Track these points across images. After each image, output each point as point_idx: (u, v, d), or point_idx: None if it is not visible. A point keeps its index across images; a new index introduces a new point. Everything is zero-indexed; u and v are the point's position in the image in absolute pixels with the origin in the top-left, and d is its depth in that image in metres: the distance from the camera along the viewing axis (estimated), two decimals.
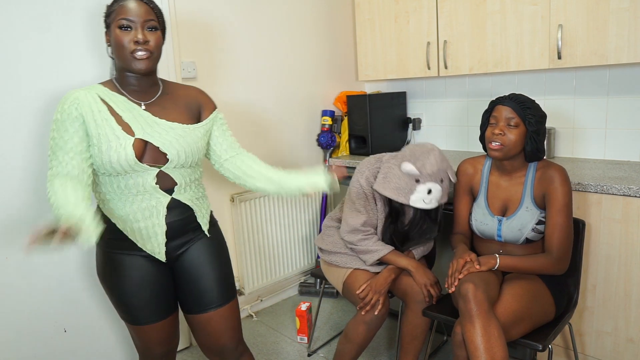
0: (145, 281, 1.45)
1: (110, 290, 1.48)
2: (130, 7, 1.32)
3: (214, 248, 1.55)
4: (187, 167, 1.43)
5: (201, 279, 1.51)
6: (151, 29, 1.35)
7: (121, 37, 1.32)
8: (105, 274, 1.47)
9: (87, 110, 1.33)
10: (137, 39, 1.31)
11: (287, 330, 2.62)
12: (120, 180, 1.36)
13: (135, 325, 1.49)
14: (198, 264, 1.51)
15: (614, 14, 1.95)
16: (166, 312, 1.52)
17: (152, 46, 1.34)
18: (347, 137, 3.02)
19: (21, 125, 1.87)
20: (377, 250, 1.90)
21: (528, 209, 1.69)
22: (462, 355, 1.57)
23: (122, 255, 1.44)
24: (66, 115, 1.32)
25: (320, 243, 2.13)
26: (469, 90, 2.81)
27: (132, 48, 1.32)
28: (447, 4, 2.47)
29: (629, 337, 1.89)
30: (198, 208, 1.50)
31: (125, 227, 1.41)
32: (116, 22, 1.33)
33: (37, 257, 1.94)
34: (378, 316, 1.85)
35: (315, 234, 3.07)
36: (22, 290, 1.92)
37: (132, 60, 1.33)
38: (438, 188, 1.77)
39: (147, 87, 1.43)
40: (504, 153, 1.67)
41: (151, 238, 1.42)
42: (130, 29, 1.32)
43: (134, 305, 1.46)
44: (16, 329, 1.91)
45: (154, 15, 1.36)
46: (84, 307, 2.09)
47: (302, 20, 2.89)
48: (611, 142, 2.32)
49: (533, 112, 1.65)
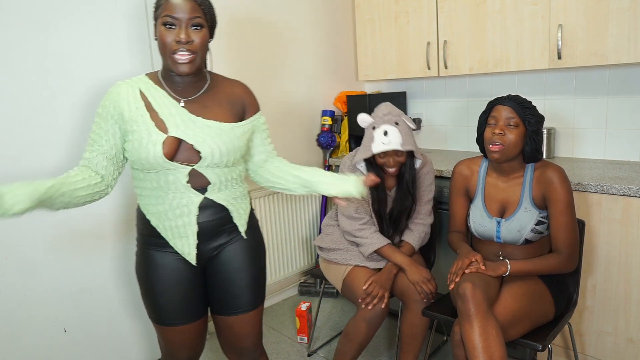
0: (175, 280, 1.41)
1: (140, 286, 1.45)
2: (175, 3, 1.26)
3: (250, 251, 1.48)
4: (222, 166, 1.36)
5: (233, 283, 1.46)
6: (196, 26, 1.28)
7: (165, 35, 1.27)
8: (138, 270, 1.45)
9: (125, 108, 1.31)
10: (180, 39, 1.25)
11: (287, 330, 2.62)
12: (153, 176, 1.33)
13: (160, 325, 1.45)
14: (232, 267, 1.45)
15: (614, 14, 1.95)
16: (194, 316, 1.46)
17: (195, 46, 1.28)
18: (347, 137, 3.02)
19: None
20: (373, 242, 1.93)
21: (527, 209, 1.69)
22: (460, 354, 1.57)
23: (155, 252, 1.41)
24: (105, 111, 1.32)
25: (320, 242, 2.14)
26: (469, 90, 2.81)
27: (174, 48, 1.26)
28: (447, 4, 2.47)
29: (629, 337, 1.88)
30: (235, 208, 1.43)
31: (158, 224, 1.38)
32: (161, 19, 1.27)
33: (37, 257, 1.94)
34: (378, 314, 1.85)
35: (315, 234, 3.07)
36: (22, 290, 1.92)
37: (173, 63, 1.28)
38: (394, 129, 1.82)
39: (190, 84, 1.37)
40: (504, 155, 1.66)
41: (182, 238, 1.37)
42: (175, 27, 1.26)
43: (161, 304, 1.42)
44: (16, 329, 1.91)
45: (201, 12, 1.29)
46: (84, 307, 2.09)
47: (302, 20, 2.89)
48: (611, 142, 2.32)
49: (532, 112, 1.65)
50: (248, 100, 1.47)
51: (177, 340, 1.46)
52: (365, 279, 1.91)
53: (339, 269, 2.02)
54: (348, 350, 1.92)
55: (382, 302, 1.85)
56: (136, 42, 2.14)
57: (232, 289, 1.46)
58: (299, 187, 1.47)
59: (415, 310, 1.92)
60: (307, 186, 1.44)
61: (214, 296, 1.48)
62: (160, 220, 1.37)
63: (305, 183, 1.44)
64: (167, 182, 1.33)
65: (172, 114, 1.32)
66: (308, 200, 3.00)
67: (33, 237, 1.93)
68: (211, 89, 1.41)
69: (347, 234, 2.01)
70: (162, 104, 1.33)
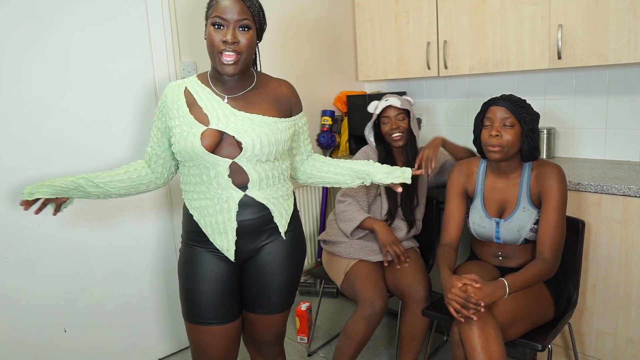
0: (213, 277, 1.40)
1: (180, 283, 1.45)
2: (225, 4, 1.30)
3: (288, 255, 1.47)
4: (263, 161, 1.37)
5: (266, 285, 1.46)
6: (243, 28, 1.31)
7: (213, 35, 1.31)
8: (179, 265, 1.46)
9: (172, 106, 1.39)
10: (226, 39, 1.29)
11: (287, 330, 2.62)
12: (196, 171, 1.36)
13: (194, 323, 1.42)
14: (268, 270, 1.45)
15: (614, 14, 1.95)
16: (228, 317, 1.43)
17: (241, 47, 1.31)
18: (347, 137, 3.02)
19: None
20: (355, 218, 2.02)
21: (525, 209, 1.69)
22: (460, 354, 1.56)
23: (196, 248, 1.42)
24: (158, 110, 1.43)
25: (324, 236, 2.18)
26: (469, 90, 2.81)
27: (221, 48, 1.30)
28: (447, 4, 2.47)
29: (629, 337, 1.88)
30: (276, 208, 1.42)
31: (200, 219, 1.40)
32: (211, 19, 1.32)
33: (37, 257, 1.94)
34: (377, 311, 1.86)
35: (316, 232, 3.07)
36: (22, 290, 1.92)
37: (220, 63, 1.32)
38: (393, 97, 2.07)
39: (236, 83, 1.41)
40: (503, 154, 1.66)
41: (222, 234, 1.38)
42: (223, 28, 1.30)
43: (196, 300, 1.40)
44: (16, 329, 1.91)
45: (250, 14, 1.32)
46: (84, 307, 2.09)
47: (302, 20, 2.89)
48: (611, 142, 2.32)
49: (527, 111, 1.65)
50: (294, 100, 1.53)
51: (209, 342, 1.42)
52: (367, 278, 1.93)
53: (342, 262, 2.04)
54: (347, 349, 1.92)
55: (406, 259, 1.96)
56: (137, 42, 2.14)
57: (264, 291, 1.46)
58: (353, 178, 1.56)
59: (415, 310, 1.92)
60: (363, 177, 1.54)
61: (246, 293, 1.48)
62: (201, 215, 1.39)
63: (360, 174, 1.54)
64: (209, 176, 1.35)
65: (216, 108, 1.36)
66: (308, 200, 3.00)
67: (33, 237, 1.93)
68: (257, 87, 1.45)
69: (337, 216, 2.11)
70: (207, 100, 1.38)
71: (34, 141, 1.90)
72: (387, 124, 2.06)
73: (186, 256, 1.44)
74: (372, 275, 1.95)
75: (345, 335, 1.93)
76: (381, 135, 2.12)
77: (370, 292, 1.88)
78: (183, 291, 1.44)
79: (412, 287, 1.92)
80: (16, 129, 1.86)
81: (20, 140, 1.87)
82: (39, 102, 1.90)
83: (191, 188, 1.40)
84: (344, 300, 2.91)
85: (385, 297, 1.90)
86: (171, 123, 1.38)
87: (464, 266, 1.81)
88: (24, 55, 1.85)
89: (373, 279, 1.94)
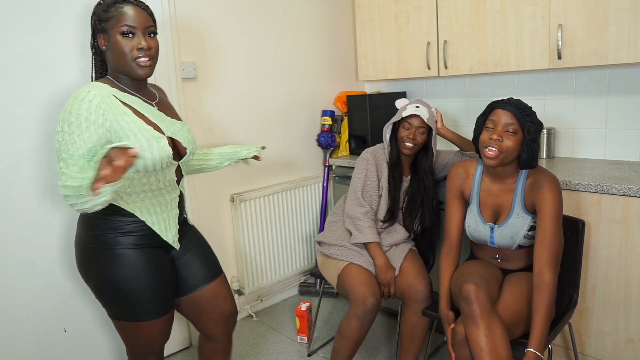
0: (164, 271, 1.50)
1: (115, 291, 1.43)
2: (131, 14, 1.36)
3: (198, 233, 1.71)
4: (191, 159, 1.55)
5: (204, 252, 1.66)
6: (151, 34, 1.41)
7: (123, 43, 1.36)
8: (111, 274, 1.42)
9: (112, 117, 1.31)
10: (142, 46, 1.36)
11: (287, 330, 2.62)
12: (143, 176, 1.40)
13: (146, 320, 1.45)
14: (196, 242, 1.65)
15: (614, 14, 1.95)
16: (171, 304, 1.55)
17: (153, 52, 1.41)
18: (347, 137, 3.02)
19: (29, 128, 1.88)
20: (366, 235, 2.00)
21: (519, 215, 1.67)
22: (464, 355, 1.55)
23: (145, 249, 1.45)
24: (90, 121, 1.28)
25: (321, 237, 2.17)
26: (469, 90, 2.81)
27: (136, 55, 1.37)
28: (447, 4, 2.47)
29: (629, 337, 1.88)
30: (186, 195, 1.66)
31: (147, 217, 1.45)
32: (117, 29, 1.35)
33: (37, 257, 1.94)
34: (370, 309, 1.86)
35: (315, 233, 3.07)
36: (22, 290, 1.92)
37: (136, 67, 1.38)
38: (425, 108, 2.02)
39: (144, 88, 1.50)
40: (499, 161, 1.62)
41: (171, 228, 1.52)
42: (132, 36, 1.37)
43: (148, 298, 1.44)
44: (16, 329, 1.92)
45: (152, 21, 1.42)
46: (84, 307, 2.09)
47: (302, 20, 2.89)
48: (611, 142, 2.32)
49: (532, 120, 1.60)
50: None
51: (159, 332, 1.51)
52: (359, 277, 1.93)
53: (336, 264, 2.03)
54: (343, 348, 1.92)
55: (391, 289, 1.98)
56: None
57: (205, 258, 1.65)
58: (224, 161, 1.81)
59: (416, 310, 1.92)
60: (232, 158, 1.81)
61: (191, 273, 1.61)
62: (150, 214, 1.45)
63: (230, 156, 1.81)
64: (157, 180, 1.44)
65: (156, 117, 1.44)
66: (308, 200, 3.00)
67: (33, 237, 1.93)
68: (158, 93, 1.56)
69: (348, 219, 2.07)
70: (145, 109, 1.42)
71: (34, 141, 1.90)
72: (407, 130, 2.00)
73: (137, 259, 1.42)
74: (363, 274, 1.95)
75: (340, 335, 1.93)
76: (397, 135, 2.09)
77: (362, 290, 1.88)
78: (128, 296, 1.42)
79: (412, 287, 1.92)
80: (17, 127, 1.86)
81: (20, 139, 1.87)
82: (38, 101, 1.90)
83: (137, 192, 1.41)
84: (344, 300, 2.91)
85: (378, 294, 1.90)
86: (122, 133, 1.32)
87: (465, 266, 1.80)
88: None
89: (364, 277, 1.93)
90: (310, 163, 3.02)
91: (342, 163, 2.85)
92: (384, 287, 1.96)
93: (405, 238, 2.10)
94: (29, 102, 1.88)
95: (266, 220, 2.78)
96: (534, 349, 1.47)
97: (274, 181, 2.85)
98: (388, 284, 1.96)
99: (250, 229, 2.70)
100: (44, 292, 1.98)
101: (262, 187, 2.77)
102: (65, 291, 2.03)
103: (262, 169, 2.77)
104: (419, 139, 2.00)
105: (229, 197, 2.62)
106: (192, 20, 2.36)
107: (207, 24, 2.44)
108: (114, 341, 2.20)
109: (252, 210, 2.70)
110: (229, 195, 2.62)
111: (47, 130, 1.92)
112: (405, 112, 2.01)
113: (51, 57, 1.92)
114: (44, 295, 1.98)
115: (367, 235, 1.99)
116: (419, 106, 2.01)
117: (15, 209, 1.88)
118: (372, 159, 2.08)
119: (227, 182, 2.59)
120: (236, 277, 2.70)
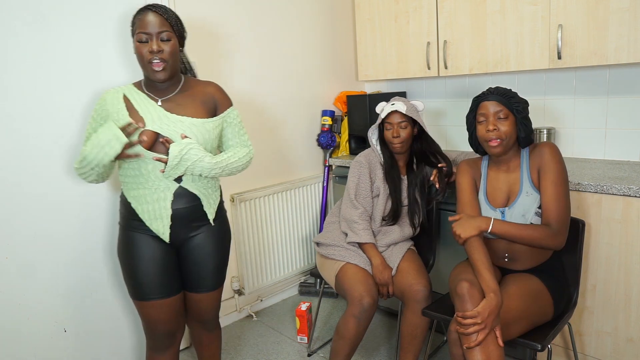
0: (153, 258, 1.60)
1: (122, 266, 1.64)
2: (146, 20, 1.50)
3: (217, 240, 1.71)
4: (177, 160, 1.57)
5: (202, 267, 1.69)
6: (164, 38, 1.51)
7: (140, 48, 1.51)
8: (119, 250, 1.64)
9: (112, 110, 1.56)
10: (152, 49, 1.49)
11: (287, 330, 2.62)
12: (134, 165, 1.55)
13: (140, 300, 1.62)
14: (201, 252, 1.68)
15: (614, 14, 1.95)
16: (170, 291, 1.64)
17: (165, 55, 1.51)
18: (347, 137, 3.02)
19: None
20: (360, 237, 2.01)
21: (528, 193, 1.69)
22: (457, 353, 1.57)
23: (134, 232, 1.60)
24: (96, 113, 1.60)
25: (319, 238, 2.17)
26: (469, 90, 2.81)
27: (149, 57, 1.50)
28: (447, 4, 2.47)
29: (629, 337, 1.88)
30: (205, 198, 1.64)
31: (137, 206, 1.58)
32: (136, 36, 1.51)
33: (37, 257, 1.94)
34: (366, 309, 1.87)
35: (315, 233, 3.07)
36: (22, 290, 1.92)
37: (151, 71, 1.53)
38: (400, 102, 2.02)
39: (165, 87, 1.61)
40: (503, 146, 1.68)
41: (157, 220, 1.58)
42: (147, 41, 1.50)
43: (140, 279, 1.59)
44: (16, 329, 1.92)
45: (169, 26, 1.52)
46: (84, 307, 2.09)
47: (302, 20, 2.89)
48: (611, 142, 2.32)
49: (517, 100, 1.67)
50: (219, 97, 1.67)
51: (156, 315, 1.63)
52: (356, 277, 1.94)
53: (333, 264, 2.04)
54: (342, 348, 1.93)
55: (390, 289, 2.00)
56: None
57: (201, 272, 1.70)
58: None
59: (416, 310, 1.92)
60: None
61: (185, 276, 1.71)
62: (139, 203, 1.58)
63: None
64: (147, 170, 1.54)
65: (150, 111, 1.55)
66: (308, 200, 3.00)
67: (33, 237, 1.93)
68: (186, 90, 1.63)
69: (344, 222, 2.08)
70: (142, 104, 1.56)
71: (33, 140, 1.90)
72: (389, 130, 2.03)
73: (126, 241, 1.62)
74: (359, 274, 1.95)
75: (338, 335, 1.93)
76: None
77: (359, 290, 1.88)
78: (127, 273, 1.63)
79: (412, 287, 1.92)
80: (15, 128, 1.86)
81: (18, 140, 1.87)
82: (39, 101, 1.90)
83: (130, 180, 1.58)
84: (344, 300, 2.91)
85: (374, 293, 1.90)
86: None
87: (462, 265, 1.80)
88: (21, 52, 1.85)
89: (361, 277, 1.94)
90: (310, 163, 3.02)
91: (342, 163, 2.85)
92: (381, 287, 1.97)
93: (402, 237, 2.10)
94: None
95: (266, 220, 2.78)
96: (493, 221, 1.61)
97: (274, 181, 2.85)
98: (385, 283, 1.96)
99: (250, 229, 2.70)
100: (44, 292, 1.98)
101: (262, 187, 2.77)
102: (65, 291, 2.03)
103: (262, 169, 2.77)
104: (403, 134, 2.02)
105: (229, 197, 2.63)
106: (192, 20, 2.36)
107: (207, 25, 2.45)
108: (114, 341, 2.20)
109: (252, 210, 2.70)
110: (229, 195, 2.63)
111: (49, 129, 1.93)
112: (382, 113, 2.05)
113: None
114: (44, 296, 1.98)
115: (362, 237, 2.01)
116: (394, 103, 2.03)
117: (16, 209, 1.88)
118: (365, 161, 2.09)
119: (227, 182, 2.59)
120: (236, 277, 2.70)
